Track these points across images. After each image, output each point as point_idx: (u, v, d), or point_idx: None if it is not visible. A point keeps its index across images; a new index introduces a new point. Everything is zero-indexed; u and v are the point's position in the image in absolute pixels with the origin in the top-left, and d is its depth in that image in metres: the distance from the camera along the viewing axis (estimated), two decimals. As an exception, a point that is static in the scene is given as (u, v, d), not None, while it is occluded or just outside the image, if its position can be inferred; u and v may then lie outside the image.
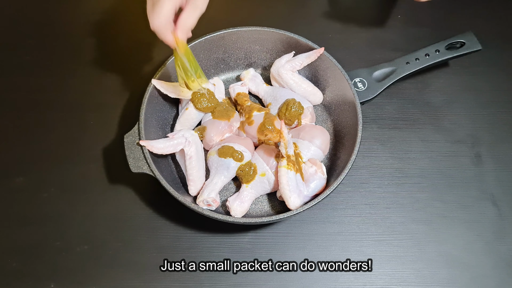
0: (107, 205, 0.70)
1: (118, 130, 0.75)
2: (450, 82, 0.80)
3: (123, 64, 0.82)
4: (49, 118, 0.77)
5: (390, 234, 0.68)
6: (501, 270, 0.66)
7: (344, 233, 0.68)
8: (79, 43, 0.84)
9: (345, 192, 0.71)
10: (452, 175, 0.72)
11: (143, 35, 0.85)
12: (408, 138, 0.75)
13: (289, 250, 0.67)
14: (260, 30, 0.74)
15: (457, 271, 0.66)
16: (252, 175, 0.66)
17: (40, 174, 0.72)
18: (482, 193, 0.71)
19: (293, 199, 0.62)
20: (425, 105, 0.78)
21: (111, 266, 0.65)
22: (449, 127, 0.76)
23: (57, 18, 0.88)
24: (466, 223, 0.69)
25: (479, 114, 0.78)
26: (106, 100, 0.78)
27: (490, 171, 0.73)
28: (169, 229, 0.68)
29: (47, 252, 0.66)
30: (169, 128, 0.74)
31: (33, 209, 0.69)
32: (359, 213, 0.70)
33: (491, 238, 0.68)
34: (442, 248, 0.67)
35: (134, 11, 0.89)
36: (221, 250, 0.66)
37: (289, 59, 0.74)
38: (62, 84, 0.80)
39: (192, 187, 0.67)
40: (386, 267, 0.66)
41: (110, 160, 0.73)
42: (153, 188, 0.69)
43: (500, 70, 0.81)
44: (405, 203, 0.70)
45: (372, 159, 0.74)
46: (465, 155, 0.74)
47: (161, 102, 0.72)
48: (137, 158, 0.63)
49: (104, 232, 0.68)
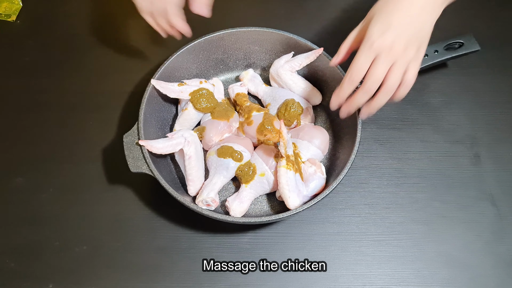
0: (106, 205, 0.69)
1: (117, 130, 0.75)
2: (449, 82, 0.81)
3: (122, 64, 0.82)
4: (48, 118, 0.77)
5: (389, 234, 0.68)
6: (500, 270, 0.66)
7: (344, 233, 0.68)
8: (78, 44, 0.85)
9: (344, 192, 0.71)
10: (451, 175, 0.72)
11: (142, 35, 0.85)
12: (407, 139, 0.76)
13: (288, 250, 0.67)
14: (259, 30, 0.75)
15: (456, 271, 0.66)
16: (252, 175, 0.66)
17: (39, 175, 0.72)
18: (481, 193, 0.71)
19: (292, 199, 0.62)
20: (424, 106, 0.78)
21: (110, 266, 0.65)
22: (448, 127, 0.77)
23: (56, 19, 0.88)
24: (465, 223, 0.69)
25: (478, 114, 0.78)
26: (106, 100, 0.78)
27: (489, 171, 0.73)
28: (168, 229, 0.68)
29: (46, 252, 0.66)
30: (168, 128, 0.74)
31: (32, 209, 0.69)
32: (359, 213, 0.69)
33: (490, 238, 0.68)
34: (441, 248, 0.67)
35: (133, 12, 0.89)
36: (220, 250, 0.66)
37: (288, 59, 0.74)
38: (61, 84, 0.80)
39: (191, 187, 0.67)
40: (385, 267, 0.66)
41: (110, 160, 0.73)
42: (152, 188, 0.69)
43: (499, 70, 0.82)
44: (404, 203, 0.70)
45: (371, 159, 0.74)
46: (464, 155, 0.74)
47: (160, 102, 0.72)
48: (137, 158, 0.63)
49: (103, 232, 0.67)
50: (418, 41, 0.56)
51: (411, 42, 0.55)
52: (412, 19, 0.54)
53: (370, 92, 0.57)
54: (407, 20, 0.54)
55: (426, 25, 0.56)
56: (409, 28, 0.54)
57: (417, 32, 0.55)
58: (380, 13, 0.55)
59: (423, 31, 0.56)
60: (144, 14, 0.68)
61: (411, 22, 0.54)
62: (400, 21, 0.54)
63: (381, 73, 0.55)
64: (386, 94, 0.57)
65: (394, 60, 0.55)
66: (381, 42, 0.54)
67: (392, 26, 0.54)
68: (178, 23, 0.67)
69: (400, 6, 0.54)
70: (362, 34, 0.58)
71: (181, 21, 0.67)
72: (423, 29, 0.56)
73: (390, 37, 0.54)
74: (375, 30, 0.54)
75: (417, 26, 0.54)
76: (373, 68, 0.55)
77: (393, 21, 0.54)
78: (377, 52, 0.54)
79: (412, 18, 0.54)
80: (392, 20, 0.54)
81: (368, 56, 0.55)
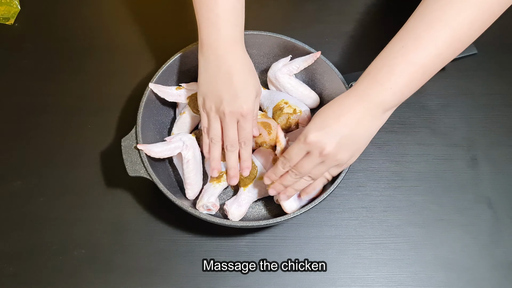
0: (104, 209, 0.70)
1: (115, 134, 0.75)
2: (445, 85, 0.81)
3: (121, 68, 0.82)
4: (46, 121, 0.77)
5: (387, 237, 0.68)
6: (497, 273, 0.66)
7: (341, 236, 0.68)
8: (76, 47, 0.84)
9: (342, 196, 0.71)
10: (448, 178, 0.73)
11: (140, 39, 0.85)
12: (405, 142, 0.76)
13: (286, 253, 0.67)
14: (257, 34, 0.75)
15: (453, 274, 0.66)
16: (250, 178, 0.66)
17: (37, 178, 0.72)
18: (478, 196, 0.71)
19: (289, 202, 0.62)
20: (421, 109, 0.79)
21: (109, 270, 0.65)
22: (445, 130, 0.77)
23: (54, 22, 0.88)
24: (462, 226, 0.69)
25: (475, 117, 0.78)
26: (104, 104, 0.78)
27: (486, 174, 0.73)
28: (166, 233, 0.68)
29: (44, 256, 0.66)
30: (166, 131, 0.74)
31: (30, 213, 0.69)
32: (356, 216, 0.70)
33: (487, 241, 0.68)
34: (438, 251, 0.67)
35: (131, 15, 0.89)
36: (218, 254, 0.67)
37: (286, 63, 0.74)
38: (59, 88, 0.80)
39: (189, 191, 0.67)
40: (383, 270, 0.66)
41: (108, 164, 0.73)
42: (150, 192, 0.69)
43: (496, 74, 0.82)
44: (401, 206, 0.71)
45: (368, 162, 0.74)
46: (461, 158, 0.74)
47: (158, 105, 0.72)
48: (134, 162, 0.64)
49: (101, 236, 0.67)
50: (352, 147, 0.56)
51: (344, 147, 0.55)
52: (350, 126, 0.54)
53: (296, 178, 0.60)
54: (344, 126, 0.55)
55: (364, 133, 0.56)
56: (344, 133, 0.54)
57: (353, 139, 0.56)
58: (321, 114, 0.57)
59: (359, 138, 0.56)
60: (201, 106, 0.65)
61: (347, 128, 0.55)
62: (337, 126, 0.55)
63: (306, 168, 0.58)
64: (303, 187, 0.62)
65: (323, 160, 0.56)
66: (312, 138, 0.55)
67: (328, 127, 0.55)
68: (249, 131, 0.64)
69: (339, 113, 0.55)
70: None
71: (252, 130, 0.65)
72: (360, 137, 0.56)
73: (322, 137, 0.55)
74: (312, 127, 0.56)
75: (353, 133, 0.55)
76: (302, 161, 0.58)
77: (331, 124, 0.55)
78: (309, 149, 0.56)
79: (349, 125, 0.54)
80: (330, 123, 0.55)
81: (301, 149, 0.57)
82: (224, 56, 0.61)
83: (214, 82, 0.62)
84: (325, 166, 0.57)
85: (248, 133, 0.64)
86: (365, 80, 0.55)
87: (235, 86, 0.61)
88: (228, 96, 0.61)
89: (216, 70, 0.61)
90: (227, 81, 0.61)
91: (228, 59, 0.61)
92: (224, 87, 0.61)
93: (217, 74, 0.61)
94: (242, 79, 0.62)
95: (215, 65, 0.61)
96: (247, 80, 0.62)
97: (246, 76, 0.62)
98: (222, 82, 0.61)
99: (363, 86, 0.55)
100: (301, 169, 0.58)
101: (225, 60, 0.61)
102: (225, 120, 0.62)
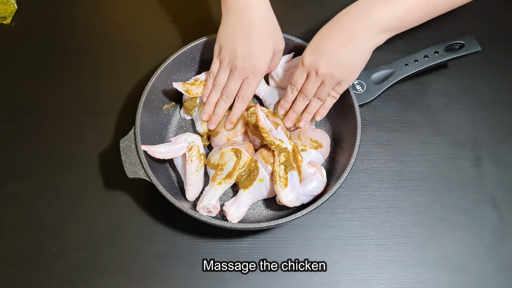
0: (103, 211, 0.69)
1: (114, 135, 0.75)
2: (449, 84, 0.80)
3: (119, 68, 0.81)
4: (44, 122, 0.76)
5: (390, 238, 0.67)
6: (502, 274, 0.65)
7: (344, 237, 0.67)
8: (74, 47, 0.84)
9: (344, 196, 0.70)
10: (452, 178, 0.72)
11: (138, 39, 0.85)
12: (408, 141, 0.75)
13: (288, 255, 0.66)
14: (257, 32, 0.74)
15: (458, 275, 0.65)
16: (250, 180, 0.65)
17: (35, 180, 0.71)
18: (482, 196, 0.70)
19: (286, 192, 0.62)
20: (424, 107, 0.78)
21: (108, 272, 0.65)
22: (449, 129, 0.76)
23: (52, 21, 0.87)
24: (466, 227, 0.68)
25: (479, 116, 0.77)
26: (102, 104, 0.77)
27: (490, 174, 0.72)
28: (166, 235, 0.67)
29: (43, 258, 0.65)
30: (165, 131, 0.73)
31: (28, 215, 0.68)
32: (359, 217, 0.69)
33: (491, 241, 0.67)
34: (442, 252, 0.67)
35: (130, 16, 0.88)
36: (218, 256, 0.66)
37: (288, 59, 0.73)
38: (57, 88, 0.79)
39: (190, 192, 0.66)
40: (386, 272, 0.65)
41: (106, 165, 0.72)
42: (149, 193, 0.69)
43: (500, 71, 0.81)
44: (404, 206, 0.70)
45: (371, 162, 0.73)
46: (465, 157, 0.73)
47: (157, 106, 0.71)
48: (133, 163, 0.63)
49: (100, 238, 0.67)
50: (347, 65, 0.59)
51: (338, 65, 0.58)
52: (343, 44, 0.57)
53: (305, 102, 0.65)
54: (337, 45, 0.57)
55: (359, 50, 0.57)
56: (336, 52, 0.57)
57: (346, 57, 0.58)
58: (317, 35, 0.60)
59: (354, 55, 0.58)
60: (216, 53, 0.66)
61: (339, 46, 0.57)
62: (330, 46, 0.57)
63: (310, 90, 0.63)
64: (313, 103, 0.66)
65: (322, 80, 0.60)
66: (308, 61, 0.59)
67: (321, 48, 0.58)
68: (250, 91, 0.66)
69: (334, 32, 0.58)
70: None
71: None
72: (354, 54, 0.58)
73: (316, 59, 0.58)
74: (308, 49, 0.60)
75: (347, 51, 0.57)
76: (304, 84, 0.63)
77: (324, 45, 0.58)
78: (308, 71, 0.60)
79: (342, 43, 0.57)
80: (323, 44, 0.58)
81: (301, 72, 0.62)
82: (246, 9, 0.61)
83: (232, 35, 0.62)
84: (326, 85, 0.61)
85: (251, 90, 0.66)
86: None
87: (253, 44, 0.61)
88: (243, 53, 0.62)
89: (237, 24, 0.62)
90: (246, 37, 0.61)
91: (250, 14, 0.61)
92: (241, 43, 0.62)
93: (237, 28, 0.62)
94: (261, 36, 0.62)
95: (236, 19, 0.62)
96: (266, 37, 0.63)
97: (265, 33, 0.63)
98: (240, 37, 0.62)
99: (365, 2, 0.57)
100: (306, 91, 0.62)
101: (247, 15, 0.61)
102: (234, 73, 0.64)
